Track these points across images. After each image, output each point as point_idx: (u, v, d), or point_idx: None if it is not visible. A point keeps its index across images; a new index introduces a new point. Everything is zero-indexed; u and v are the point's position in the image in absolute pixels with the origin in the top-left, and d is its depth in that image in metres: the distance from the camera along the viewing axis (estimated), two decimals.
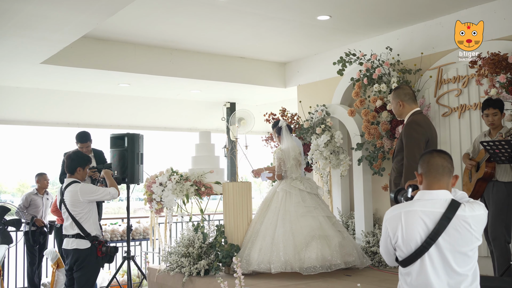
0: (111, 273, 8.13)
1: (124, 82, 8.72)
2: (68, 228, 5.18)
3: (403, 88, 4.67)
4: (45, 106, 9.33)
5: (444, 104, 6.46)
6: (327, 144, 7.23)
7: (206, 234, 6.09)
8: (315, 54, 8.61)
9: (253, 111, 7.96)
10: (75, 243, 5.11)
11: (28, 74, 7.98)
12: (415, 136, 4.39)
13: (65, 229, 5.26)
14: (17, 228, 7.27)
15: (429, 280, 2.60)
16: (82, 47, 7.43)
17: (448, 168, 2.70)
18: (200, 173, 6.73)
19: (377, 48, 7.14)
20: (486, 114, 5.21)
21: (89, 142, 6.77)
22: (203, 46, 8.16)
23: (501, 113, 5.18)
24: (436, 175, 2.68)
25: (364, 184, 7.02)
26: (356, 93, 6.93)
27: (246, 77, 9.03)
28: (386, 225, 2.75)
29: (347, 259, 5.76)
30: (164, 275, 6.26)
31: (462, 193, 2.75)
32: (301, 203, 6.03)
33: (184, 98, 10.35)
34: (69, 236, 5.16)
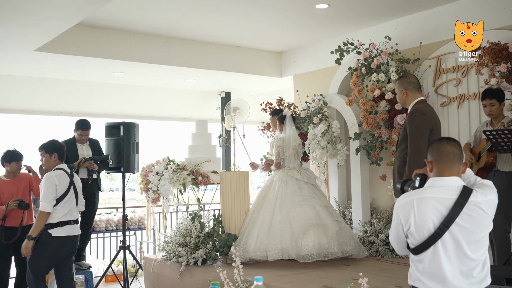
0: (106, 262, 8.08)
1: (119, 70, 8.62)
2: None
3: (407, 77, 4.64)
4: (38, 95, 9.21)
5: (443, 94, 6.44)
6: (324, 133, 7.20)
7: (203, 223, 6.05)
8: (312, 43, 8.55)
9: (248, 100, 7.92)
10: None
11: (22, 62, 7.86)
12: (419, 124, 4.36)
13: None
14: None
15: (442, 267, 2.59)
16: (77, 34, 7.33)
17: (458, 155, 2.69)
18: (197, 163, 6.68)
19: (376, 37, 7.09)
20: (484, 104, 5.20)
21: (89, 130, 6.72)
22: (199, 34, 8.08)
23: (499, 103, 5.16)
24: (447, 162, 2.67)
25: (361, 174, 7.00)
26: (354, 82, 6.88)
27: (242, 66, 8.96)
28: (397, 213, 2.73)
29: (344, 248, 5.76)
30: (160, 265, 6.21)
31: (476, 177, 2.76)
32: (297, 192, 6.02)
33: (179, 87, 10.27)
34: None
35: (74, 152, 6.60)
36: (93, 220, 6.85)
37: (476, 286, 2.61)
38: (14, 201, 5.84)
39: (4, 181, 6.02)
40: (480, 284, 2.62)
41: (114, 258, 7.33)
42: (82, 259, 6.80)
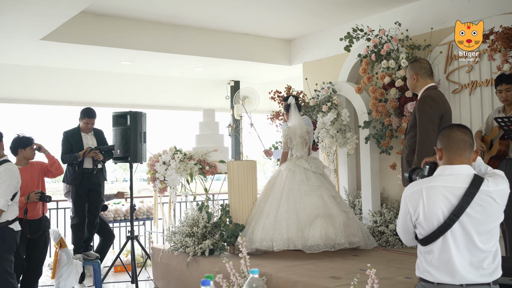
0: (115, 253, 8.07)
1: (126, 59, 8.56)
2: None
3: (419, 62, 4.50)
4: (46, 84, 9.19)
5: (455, 80, 6.30)
6: (334, 122, 7.09)
7: (210, 213, 5.98)
8: (321, 30, 8.42)
9: (257, 89, 7.82)
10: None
11: (28, 51, 7.82)
12: (429, 111, 4.23)
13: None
14: None
15: (451, 258, 2.50)
16: (83, 23, 7.27)
17: (469, 143, 2.59)
18: (204, 152, 6.60)
19: (386, 23, 6.95)
20: (499, 90, 5.06)
21: (95, 119, 6.67)
22: (207, 22, 7.98)
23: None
24: (458, 150, 2.58)
25: (371, 163, 6.89)
26: (364, 69, 6.76)
27: (251, 54, 8.86)
28: (406, 202, 2.65)
29: (351, 239, 5.66)
30: (168, 255, 6.17)
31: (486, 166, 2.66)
32: (304, 181, 5.92)
33: (188, 76, 10.19)
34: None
35: (79, 141, 6.56)
36: (99, 210, 6.82)
37: (487, 278, 2.53)
38: (35, 193, 5.65)
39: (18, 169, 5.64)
40: (490, 276, 2.54)
41: (122, 248, 7.32)
42: (89, 249, 6.78)
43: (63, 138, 6.62)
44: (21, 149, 5.75)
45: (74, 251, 6.61)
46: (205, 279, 1.54)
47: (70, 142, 6.53)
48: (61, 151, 6.61)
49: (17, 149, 5.76)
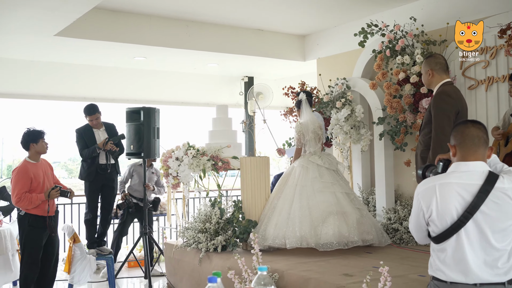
0: (128, 248, 8.09)
1: (140, 55, 8.56)
2: None
3: (435, 57, 4.44)
4: (60, 80, 9.23)
5: (471, 76, 6.21)
6: (348, 118, 7.04)
7: (223, 209, 5.97)
8: (336, 26, 8.35)
9: (271, 85, 7.78)
10: None
11: (42, 47, 7.86)
12: (445, 107, 4.16)
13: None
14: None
15: (465, 256, 2.45)
16: (96, 19, 7.28)
17: (484, 139, 2.54)
18: (217, 148, 6.59)
19: (400, 18, 6.87)
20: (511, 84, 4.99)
21: (97, 113, 6.69)
22: (220, 18, 7.95)
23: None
24: (472, 146, 2.52)
25: (385, 160, 6.83)
26: (378, 65, 6.69)
27: (264, 50, 8.82)
28: (418, 199, 2.60)
29: (365, 237, 5.60)
30: (181, 251, 6.17)
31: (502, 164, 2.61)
32: (318, 178, 5.87)
33: (201, 72, 10.18)
34: None
35: (92, 137, 6.60)
36: (113, 205, 6.85)
37: (501, 277, 2.47)
38: (56, 191, 5.56)
39: (32, 164, 5.58)
40: (505, 275, 2.48)
41: (136, 244, 7.33)
42: (103, 244, 6.81)
43: (77, 136, 6.67)
44: (33, 144, 5.58)
45: (87, 246, 6.65)
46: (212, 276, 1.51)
47: (84, 139, 6.57)
48: (78, 148, 6.66)
49: (29, 144, 5.58)
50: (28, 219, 5.46)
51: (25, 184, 5.42)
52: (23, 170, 5.49)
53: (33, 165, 5.58)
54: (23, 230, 5.50)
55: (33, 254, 5.48)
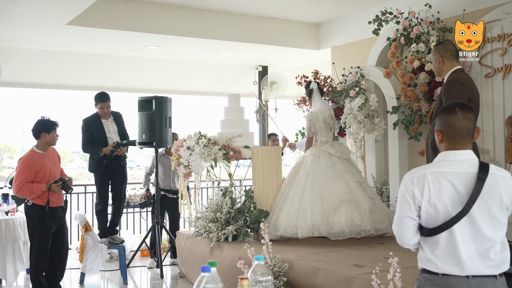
0: (141, 237, 8.11)
1: (153, 44, 8.53)
2: None
3: (445, 44, 4.34)
4: (72, 70, 9.23)
5: (487, 64, 6.07)
6: (361, 107, 6.94)
7: (234, 199, 5.93)
8: (350, 14, 8.23)
9: (285, 74, 7.71)
10: None
11: (55, 36, 7.86)
12: (456, 95, 4.06)
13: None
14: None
15: (458, 248, 2.38)
16: (108, 7, 7.26)
17: (472, 129, 2.49)
18: (228, 137, 6.54)
19: (416, 5, 6.73)
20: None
21: (109, 101, 6.67)
22: (233, 6, 7.88)
23: None
24: (461, 139, 2.47)
25: (399, 149, 6.73)
26: (392, 53, 6.58)
27: (278, 39, 8.74)
28: (407, 188, 2.47)
29: (377, 226, 5.54)
30: (192, 240, 6.16)
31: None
32: (330, 167, 5.81)
33: (215, 61, 10.12)
34: None
35: (100, 128, 6.57)
36: (125, 194, 6.85)
37: (493, 269, 2.40)
38: (57, 186, 5.46)
39: (40, 154, 5.48)
40: (497, 268, 2.41)
41: (148, 233, 7.34)
42: (115, 233, 6.83)
43: (84, 126, 6.61)
44: (44, 133, 5.48)
45: (99, 236, 6.66)
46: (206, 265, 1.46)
47: (91, 130, 6.54)
48: (82, 139, 6.62)
49: (41, 133, 5.49)
50: (36, 210, 5.45)
51: (29, 175, 5.36)
52: (29, 160, 5.42)
53: (40, 155, 5.50)
54: (31, 220, 5.50)
55: (42, 244, 5.48)
